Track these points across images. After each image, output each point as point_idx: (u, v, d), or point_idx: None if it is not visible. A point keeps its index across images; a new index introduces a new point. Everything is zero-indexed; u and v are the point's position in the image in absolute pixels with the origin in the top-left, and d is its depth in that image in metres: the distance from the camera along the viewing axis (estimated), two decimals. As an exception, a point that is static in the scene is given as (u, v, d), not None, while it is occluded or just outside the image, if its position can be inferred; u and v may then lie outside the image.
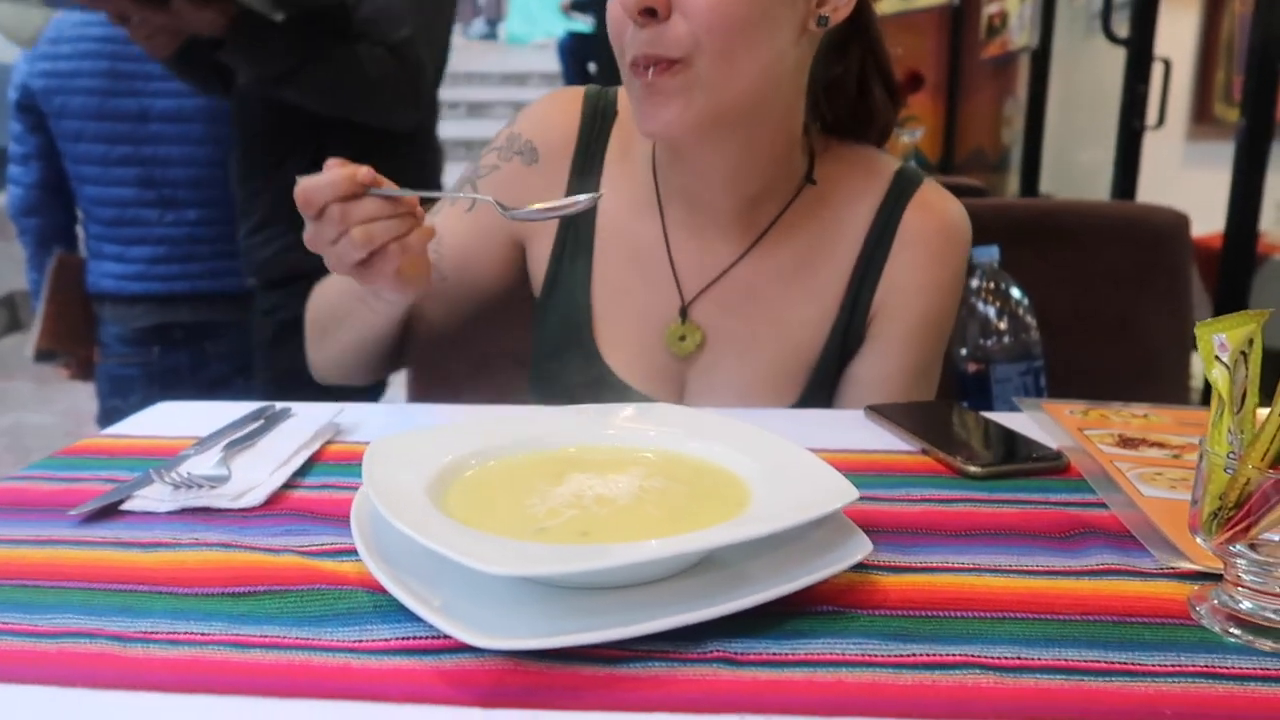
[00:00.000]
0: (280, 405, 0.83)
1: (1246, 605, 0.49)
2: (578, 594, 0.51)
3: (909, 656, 0.47)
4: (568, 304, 0.98)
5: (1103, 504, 0.65)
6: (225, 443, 0.74)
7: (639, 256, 0.96)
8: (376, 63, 1.51)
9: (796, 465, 0.60)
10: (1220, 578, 0.51)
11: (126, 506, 0.64)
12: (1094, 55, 3.53)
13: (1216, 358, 0.50)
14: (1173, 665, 0.46)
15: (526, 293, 1.04)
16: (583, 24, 6.66)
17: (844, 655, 0.47)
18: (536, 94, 1.05)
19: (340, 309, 0.95)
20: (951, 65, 4.58)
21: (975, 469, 0.71)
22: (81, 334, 2.02)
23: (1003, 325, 1.20)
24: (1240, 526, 0.48)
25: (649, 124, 0.84)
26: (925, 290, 0.94)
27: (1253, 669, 0.46)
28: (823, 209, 0.95)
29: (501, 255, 1.00)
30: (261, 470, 0.69)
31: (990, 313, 1.20)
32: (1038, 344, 1.21)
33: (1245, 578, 0.49)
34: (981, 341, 1.20)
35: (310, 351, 1.02)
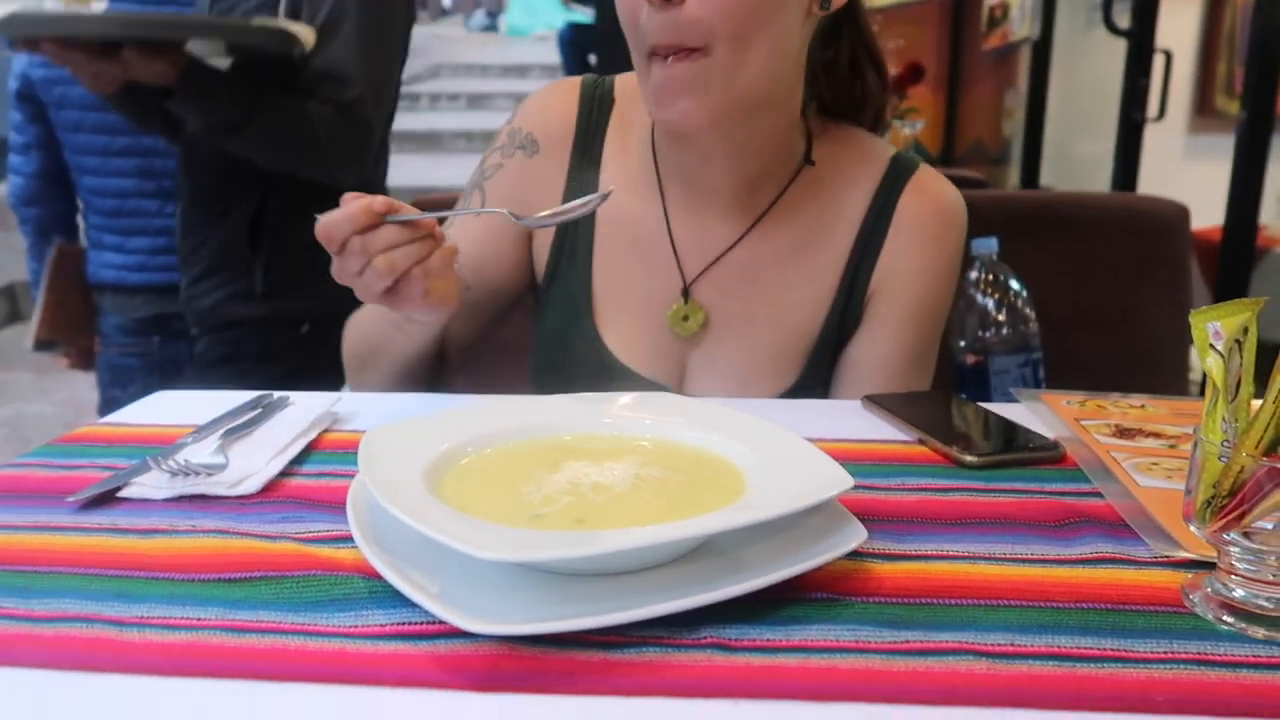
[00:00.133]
0: (278, 394, 0.83)
1: (1239, 593, 0.49)
2: (573, 580, 0.51)
3: (903, 643, 0.47)
4: (569, 289, 0.98)
5: (1098, 494, 0.65)
6: (223, 431, 0.74)
7: (639, 239, 0.97)
8: (325, 121, 1.51)
9: (793, 454, 0.60)
10: (1214, 566, 0.51)
11: (124, 493, 0.64)
12: (1095, 47, 3.52)
13: (1211, 346, 0.50)
14: (1165, 652, 0.46)
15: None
16: (583, 15, 6.64)
17: (838, 641, 0.47)
18: (537, 86, 1.06)
19: (375, 339, 0.95)
20: (952, 57, 4.57)
21: (971, 458, 0.71)
22: (81, 324, 2.02)
23: (1001, 317, 1.20)
24: (1234, 514, 0.48)
25: (666, 112, 0.84)
26: (922, 273, 0.95)
27: (1245, 656, 0.46)
28: (821, 191, 0.96)
29: (515, 253, 1.01)
30: (259, 458, 0.69)
31: (989, 304, 1.20)
32: (1036, 336, 1.21)
33: (1238, 565, 0.49)
34: (980, 333, 1.20)
35: (351, 382, 1.03)
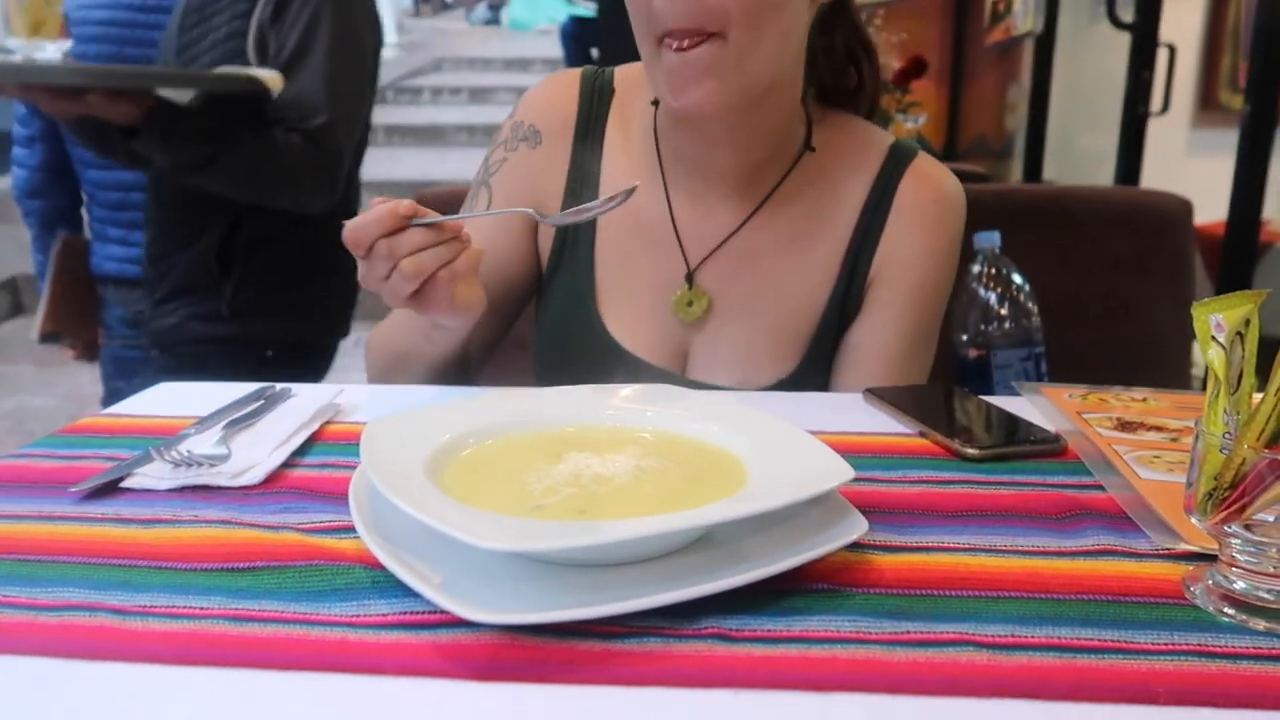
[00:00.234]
0: (280, 386, 0.83)
1: (1240, 585, 0.49)
2: (574, 571, 0.51)
3: (903, 634, 0.47)
4: (572, 277, 0.98)
5: (1099, 486, 0.65)
6: (225, 422, 0.74)
7: (642, 227, 0.97)
8: (293, 150, 1.51)
9: (794, 446, 0.61)
10: (1215, 558, 0.51)
11: (126, 484, 0.64)
12: (1099, 41, 3.51)
13: (1213, 338, 0.50)
14: (1166, 644, 0.46)
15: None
16: (585, 9, 6.63)
17: (838, 632, 0.47)
18: (539, 80, 1.06)
19: (403, 348, 0.95)
20: (955, 51, 4.55)
21: (972, 451, 0.71)
22: (86, 316, 2.02)
23: (1004, 311, 1.19)
24: (1235, 507, 0.48)
25: (681, 99, 0.84)
26: (921, 258, 0.95)
27: (1246, 648, 0.46)
28: (821, 177, 0.96)
29: (527, 247, 1.02)
30: (261, 449, 0.69)
31: (991, 298, 1.20)
32: (1039, 330, 1.20)
33: (1239, 558, 0.49)
34: (982, 327, 1.20)
35: None
